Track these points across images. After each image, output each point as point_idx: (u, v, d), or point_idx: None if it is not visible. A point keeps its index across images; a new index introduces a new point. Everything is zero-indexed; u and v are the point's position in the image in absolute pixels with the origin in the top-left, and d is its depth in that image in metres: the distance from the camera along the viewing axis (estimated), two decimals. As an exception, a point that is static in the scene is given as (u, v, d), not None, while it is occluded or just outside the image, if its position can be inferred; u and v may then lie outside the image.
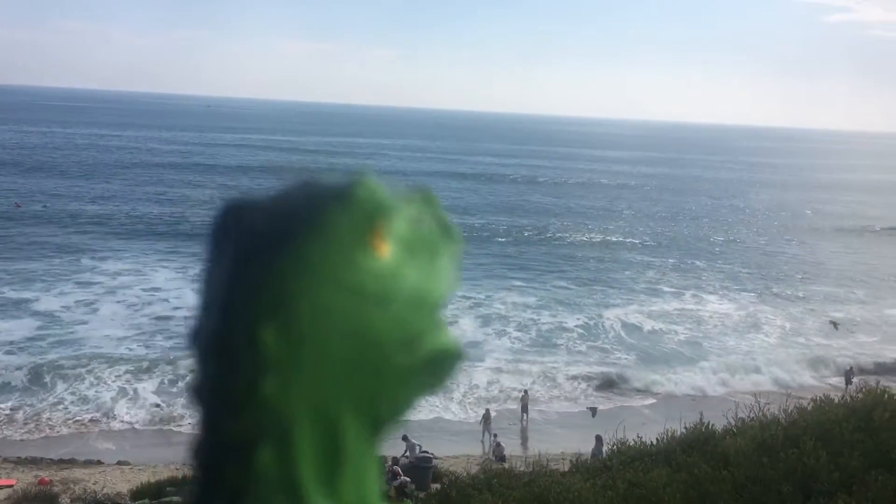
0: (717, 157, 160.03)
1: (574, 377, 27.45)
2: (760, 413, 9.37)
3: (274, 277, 0.60)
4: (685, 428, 9.66)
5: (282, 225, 0.61)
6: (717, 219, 68.11)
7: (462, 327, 31.72)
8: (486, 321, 33.18)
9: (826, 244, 56.33)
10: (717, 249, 52.43)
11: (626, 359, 29.65)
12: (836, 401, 8.89)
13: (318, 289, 0.60)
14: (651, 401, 26.06)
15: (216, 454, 0.62)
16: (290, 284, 0.60)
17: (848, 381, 24.39)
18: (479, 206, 67.44)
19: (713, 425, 9.59)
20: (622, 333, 32.43)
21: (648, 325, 33.56)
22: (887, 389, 8.09)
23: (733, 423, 9.49)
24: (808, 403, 9.17)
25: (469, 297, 35.72)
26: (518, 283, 39.98)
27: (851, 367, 27.08)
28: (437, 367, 0.66)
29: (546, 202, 73.48)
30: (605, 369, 28.38)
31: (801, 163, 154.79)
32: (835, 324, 33.77)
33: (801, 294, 40.02)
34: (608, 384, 27.01)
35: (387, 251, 0.62)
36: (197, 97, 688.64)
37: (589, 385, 26.87)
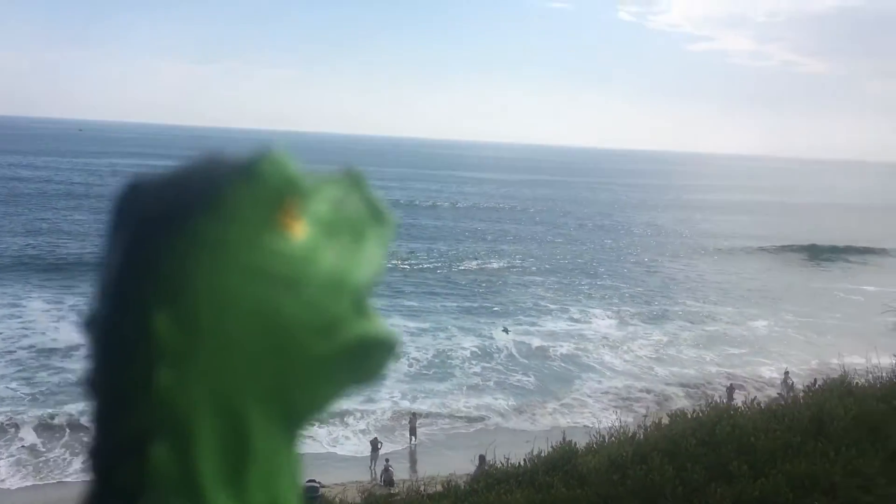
0: (596, 179, 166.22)
1: (467, 398, 27.87)
2: (620, 430, 9.84)
3: (168, 260, 0.54)
4: (552, 447, 10.02)
5: (177, 203, 0.56)
6: (600, 239, 70.66)
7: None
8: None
9: (701, 262, 59.38)
10: (600, 269, 54.34)
11: (517, 379, 30.32)
12: (689, 416, 9.44)
13: (217, 272, 0.54)
14: (536, 420, 26.69)
15: (111, 453, 0.57)
16: (186, 267, 0.54)
17: (730, 398, 24.82)
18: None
19: (576, 444, 9.99)
20: (514, 353, 33.18)
21: (537, 343, 34.47)
22: (732, 404, 8.67)
23: (595, 441, 9.91)
24: (665, 418, 9.70)
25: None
26: (411, 303, 40.29)
27: (732, 384, 28.19)
28: (365, 356, 0.60)
29: (432, 225, 74.27)
30: (497, 390, 28.95)
31: (676, 184, 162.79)
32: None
33: (677, 310, 42.01)
34: (500, 404, 27.51)
35: (300, 231, 0.57)
36: (72, 121, 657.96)
37: (481, 406, 27.29)
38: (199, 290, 0.54)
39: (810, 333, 37.88)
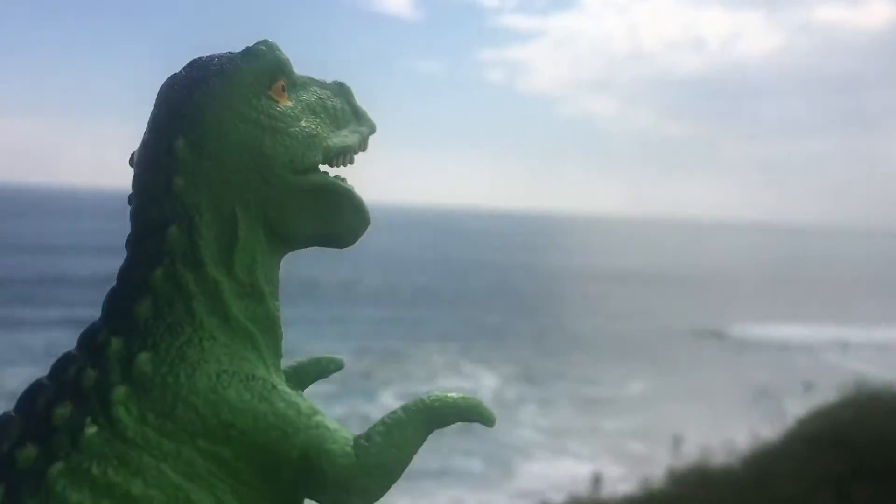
0: (492, 240, 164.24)
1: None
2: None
3: (188, 105, 0.84)
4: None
5: (201, 71, 0.86)
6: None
7: None
8: None
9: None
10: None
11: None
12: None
13: (220, 115, 0.83)
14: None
15: (142, 233, 0.85)
16: (200, 111, 0.83)
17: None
18: None
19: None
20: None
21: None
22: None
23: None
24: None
25: None
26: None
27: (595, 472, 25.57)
28: (334, 205, 0.89)
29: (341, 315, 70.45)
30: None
31: (567, 246, 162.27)
32: None
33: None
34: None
35: (284, 100, 0.87)
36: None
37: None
38: (207, 126, 0.83)
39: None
